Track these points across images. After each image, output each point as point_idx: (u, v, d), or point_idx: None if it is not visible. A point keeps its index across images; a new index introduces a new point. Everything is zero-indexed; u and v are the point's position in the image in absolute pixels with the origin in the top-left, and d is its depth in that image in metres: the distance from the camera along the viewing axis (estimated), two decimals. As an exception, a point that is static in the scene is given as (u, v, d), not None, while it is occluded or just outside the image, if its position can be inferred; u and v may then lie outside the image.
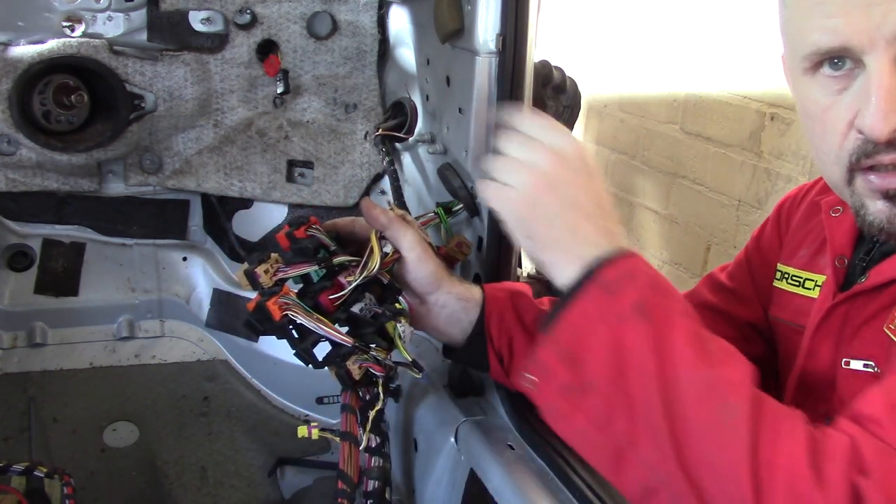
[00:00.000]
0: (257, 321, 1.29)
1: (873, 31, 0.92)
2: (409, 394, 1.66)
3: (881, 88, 0.93)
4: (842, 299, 1.13)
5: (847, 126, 0.99)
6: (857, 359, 1.07)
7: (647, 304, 0.93)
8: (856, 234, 1.17)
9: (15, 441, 1.94)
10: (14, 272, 1.95)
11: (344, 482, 1.34)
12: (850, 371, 1.08)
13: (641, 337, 0.91)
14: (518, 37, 1.39)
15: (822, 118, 1.02)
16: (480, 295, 1.41)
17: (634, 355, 0.90)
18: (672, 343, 0.90)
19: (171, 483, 2.05)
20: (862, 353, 1.07)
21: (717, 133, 3.77)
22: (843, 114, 0.99)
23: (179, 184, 1.94)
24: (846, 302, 1.12)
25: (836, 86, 0.99)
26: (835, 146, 1.01)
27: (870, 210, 1.01)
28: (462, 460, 1.47)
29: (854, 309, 1.11)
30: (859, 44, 0.94)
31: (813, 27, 0.98)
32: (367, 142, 1.93)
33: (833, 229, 1.19)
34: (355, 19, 1.86)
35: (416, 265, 1.37)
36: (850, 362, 1.08)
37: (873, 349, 1.06)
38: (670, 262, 4.20)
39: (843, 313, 1.13)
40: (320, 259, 1.33)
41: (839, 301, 1.13)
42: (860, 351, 1.08)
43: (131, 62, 1.77)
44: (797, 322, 1.26)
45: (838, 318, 1.13)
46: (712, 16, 3.78)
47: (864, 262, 1.14)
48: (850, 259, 1.17)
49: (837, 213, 1.20)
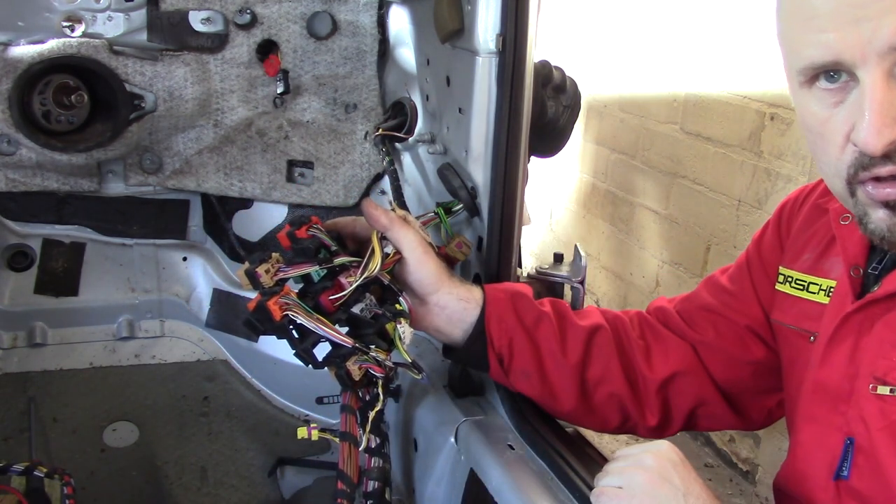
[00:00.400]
0: (258, 321, 1.29)
1: (865, 45, 0.92)
2: (409, 394, 1.66)
3: (874, 102, 0.93)
4: (856, 308, 1.12)
5: (844, 139, 0.99)
6: (884, 384, 1.06)
7: None
8: (868, 243, 1.16)
9: (15, 441, 1.93)
10: (14, 272, 1.95)
11: (343, 482, 1.34)
12: (877, 396, 1.07)
13: None
14: (518, 37, 1.39)
15: (820, 131, 1.02)
16: (481, 296, 1.41)
17: None
18: None
19: (171, 483, 2.05)
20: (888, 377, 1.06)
21: (717, 133, 3.77)
22: (840, 127, 0.99)
23: (179, 184, 1.94)
24: (860, 311, 1.12)
25: (832, 98, 0.99)
26: (834, 158, 1.02)
27: (871, 219, 1.02)
28: (462, 460, 1.47)
29: (868, 318, 1.11)
30: (851, 58, 0.94)
31: (806, 42, 0.98)
32: (367, 142, 1.93)
33: (845, 238, 1.19)
34: (355, 19, 1.86)
35: (417, 266, 1.37)
36: (877, 388, 1.07)
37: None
38: (670, 262, 4.20)
39: (858, 322, 1.12)
40: (321, 259, 1.33)
41: (852, 310, 1.13)
42: (886, 374, 1.06)
43: (131, 62, 1.77)
44: (801, 326, 1.26)
45: (853, 326, 1.13)
46: (712, 16, 3.78)
47: (877, 271, 1.14)
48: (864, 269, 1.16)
49: (847, 221, 1.20)
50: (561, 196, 5.35)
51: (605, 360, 1.41)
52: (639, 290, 4.52)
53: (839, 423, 1.12)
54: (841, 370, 1.13)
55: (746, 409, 1.46)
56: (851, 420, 1.10)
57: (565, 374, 1.41)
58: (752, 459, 3.59)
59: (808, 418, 1.19)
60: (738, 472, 3.69)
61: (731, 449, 3.74)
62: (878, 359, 1.08)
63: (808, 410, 1.19)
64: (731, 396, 1.44)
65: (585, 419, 1.47)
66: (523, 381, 1.42)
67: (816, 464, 1.14)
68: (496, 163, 1.47)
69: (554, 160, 1.95)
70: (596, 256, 4.87)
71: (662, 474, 1.10)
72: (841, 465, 1.09)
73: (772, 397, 1.42)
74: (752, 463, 3.60)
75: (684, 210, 4.06)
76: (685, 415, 1.45)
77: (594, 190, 4.96)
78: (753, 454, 3.59)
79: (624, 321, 1.47)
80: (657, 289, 4.31)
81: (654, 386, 1.42)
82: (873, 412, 1.07)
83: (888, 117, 0.93)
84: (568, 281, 1.57)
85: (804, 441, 1.19)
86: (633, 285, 4.59)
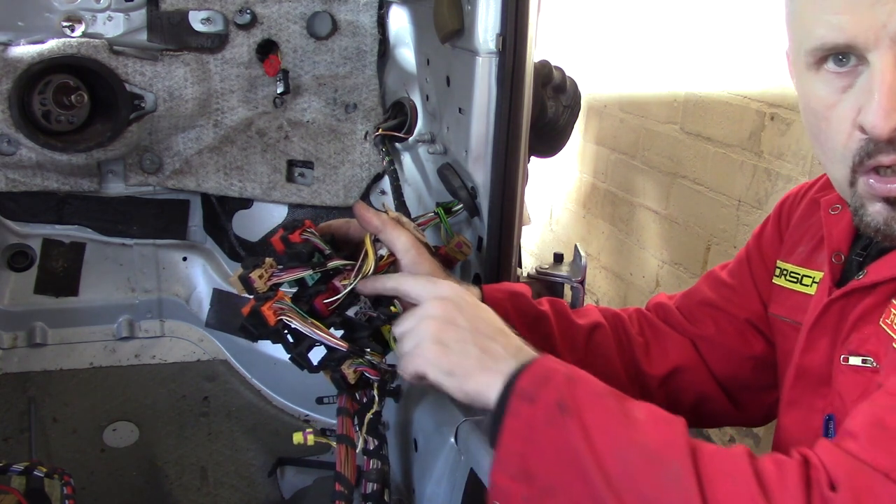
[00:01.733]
0: (252, 326, 1.29)
1: (879, 28, 0.93)
2: (408, 394, 1.66)
3: (884, 85, 0.94)
4: (838, 295, 1.13)
5: (851, 125, 0.99)
6: (855, 355, 1.07)
7: (565, 400, 0.97)
8: (853, 232, 1.17)
9: (15, 441, 1.94)
10: (14, 272, 1.95)
11: (341, 485, 1.34)
12: (849, 367, 1.08)
13: (571, 432, 0.94)
14: (518, 37, 1.39)
15: (826, 115, 1.02)
16: (479, 295, 1.41)
17: (571, 451, 0.94)
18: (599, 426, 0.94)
19: (171, 483, 2.05)
20: (860, 349, 1.07)
21: (717, 133, 3.76)
22: (847, 112, 0.99)
23: (179, 184, 1.94)
24: (843, 298, 1.12)
25: (840, 83, 0.99)
26: (839, 145, 1.01)
27: (868, 211, 1.02)
28: (462, 460, 1.46)
29: (850, 305, 1.11)
30: (864, 41, 0.94)
31: (819, 22, 0.98)
32: (367, 142, 1.93)
33: (831, 226, 1.19)
34: (355, 19, 1.86)
35: (412, 268, 1.37)
36: (848, 358, 1.08)
37: (872, 345, 1.06)
38: (670, 262, 4.20)
39: (839, 309, 1.13)
40: (315, 263, 1.33)
41: (836, 297, 1.13)
42: (858, 347, 1.08)
43: (131, 62, 1.77)
44: (794, 318, 1.26)
45: (835, 313, 1.14)
46: (712, 16, 3.78)
47: (861, 259, 1.15)
48: (846, 255, 1.17)
49: (836, 212, 1.21)
50: (561, 196, 5.35)
51: (605, 358, 1.41)
52: (639, 290, 4.52)
53: (821, 405, 1.13)
54: (823, 355, 1.14)
55: (747, 405, 1.46)
56: (832, 400, 1.11)
57: (565, 374, 1.40)
58: (752, 459, 3.59)
59: (791, 403, 1.20)
60: (738, 472, 3.68)
61: (731, 449, 3.74)
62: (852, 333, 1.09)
63: (790, 396, 1.20)
64: (732, 392, 1.44)
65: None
66: (522, 382, 1.42)
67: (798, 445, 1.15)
68: (496, 163, 1.47)
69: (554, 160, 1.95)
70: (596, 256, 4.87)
71: (447, 318, 1.11)
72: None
73: (772, 393, 1.42)
74: (752, 463, 3.60)
75: (684, 210, 4.06)
76: (687, 411, 1.45)
77: (594, 190, 4.96)
78: (753, 454, 3.58)
79: (623, 318, 1.47)
80: (657, 289, 4.31)
81: (655, 382, 1.42)
82: (847, 384, 1.08)
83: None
84: (568, 281, 1.57)
85: (787, 424, 1.20)
86: (633, 285, 4.59)
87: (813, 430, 1.13)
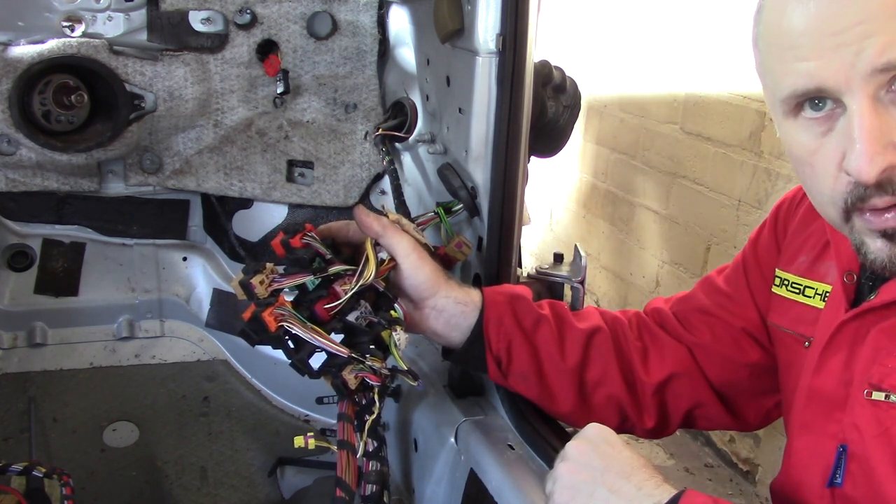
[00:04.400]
0: (253, 331, 1.29)
1: (848, 69, 0.90)
2: (408, 394, 1.66)
3: (863, 130, 0.91)
4: (851, 316, 1.11)
5: (836, 168, 0.96)
6: (879, 390, 1.05)
7: None
8: None
9: (15, 441, 1.93)
10: (14, 272, 1.95)
11: (342, 490, 1.34)
12: (871, 402, 1.06)
13: None
14: (518, 37, 1.39)
15: (810, 161, 1.00)
16: (479, 298, 1.40)
17: None
18: None
19: (171, 483, 2.05)
20: (884, 384, 1.05)
21: (717, 133, 3.77)
22: (831, 156, 0.96)
23: (179, 184, 1.94)
24: (856, 319, 1.11)
25: (819, 128, 0.97)
26: (827, 188, 0.99)
27: (870, 248, 0.99)
28: (462, 460, 1.47)
29: (864, 326, 1.10)
30: (835, 84, 0.92)
31: (787, 71, 0.96)
32: (367, 142, 1.93)
33: (839, 244, 1.17)
34: (355, 19, 1.86)
35: (413, 271, 1.37)
36: (872, 393, 1.06)
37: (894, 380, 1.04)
38: (670, 262, 4.20)
39: (853, 330, 1.11)
40: (316, 269, 1.33)
41: (849, 318, 1.11)
42: (881, 381, 1.05)
43: (131, 62, 1.77)
44: (797, 330, 1.25)
45: (848, 334, 1.12)
46: (713, 16, 3.78)
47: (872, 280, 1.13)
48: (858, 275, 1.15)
49: None
50: (561, 196, 5.35)
51: (603, 362, 1.41)
52: (639, 290, 4.52)
53: (834, 430, 1.11)
54: (836, 377, 1.12)
55: (743, 411, 1.46)
56: (846, 427, 1.09)
57: (563, 377, 1.40)
58: (753, 459, 3.59)
59: (803, 426, 1.18)
60: (738, 472, 3.69)
61: (731, 449, 3.74)
62: (874, 365, 1.07)
63: (802, 418, 1.18)
64: (728, 398, 1.44)
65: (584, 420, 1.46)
66: (522, 383, 1.42)
67: (811, 471, 1.14)
68: (496, 163, 1.47)
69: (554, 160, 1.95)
70: (596, 256, 4.87)
71: (581, 461, 1.12)
72: (835, 473, 1.09)
73: (769, 399, 1.42)
74: (752, 463, 3.60)
75: (684, 210, 4.06)
76: (682, 416, 1.45)
77: (594, 190, 4.96)
78: (753, 454, 3.59)
79: (622, 323, 1.47)
80: (657, 289, 4.31)
81: (651, 389, 1.42)
82: (867, 419, 1.06)
83: (879, 144, 0.91)
84: (568, 281, 1.57)
85: (799, 449, 1.19)
86: (633, 285, 4.59)
87: (824, 456, 1.11)
